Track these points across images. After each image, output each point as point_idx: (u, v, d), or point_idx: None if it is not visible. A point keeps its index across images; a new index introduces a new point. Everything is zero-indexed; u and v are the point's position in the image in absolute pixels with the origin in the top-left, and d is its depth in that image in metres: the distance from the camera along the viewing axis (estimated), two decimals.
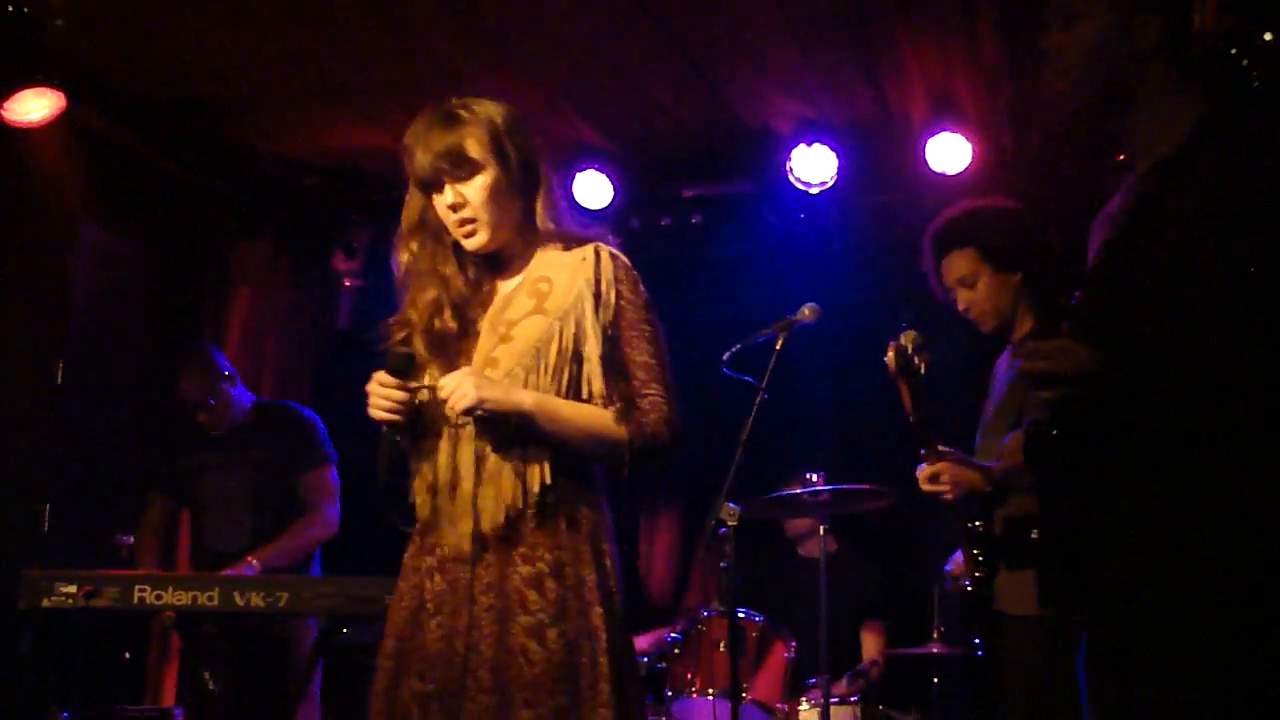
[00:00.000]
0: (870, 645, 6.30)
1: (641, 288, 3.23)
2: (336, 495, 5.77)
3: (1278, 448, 2.46)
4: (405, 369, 3.08)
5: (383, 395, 3.07)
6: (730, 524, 4.50)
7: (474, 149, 3.11)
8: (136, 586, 4.56)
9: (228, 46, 5.92)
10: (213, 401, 5.70)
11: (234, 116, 6.68)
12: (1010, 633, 3.94)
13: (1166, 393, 2.52)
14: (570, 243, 3.24)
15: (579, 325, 3.11)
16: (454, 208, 3.11)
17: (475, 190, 3.10)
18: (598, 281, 3.15)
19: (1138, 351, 2.54)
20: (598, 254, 3.20)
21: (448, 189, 3.11)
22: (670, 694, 5.57)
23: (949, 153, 6.50)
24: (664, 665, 5.69)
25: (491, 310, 3.22)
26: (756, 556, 6.57)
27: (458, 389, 2.96)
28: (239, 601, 4.59)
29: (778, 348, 4.63)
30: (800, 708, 5.58)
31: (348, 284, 7.76)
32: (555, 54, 6.01)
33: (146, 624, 6.29)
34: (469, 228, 3.13)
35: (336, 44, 5.91)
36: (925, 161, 6.53)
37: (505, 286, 3.25)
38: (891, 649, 6.11)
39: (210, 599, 4.58)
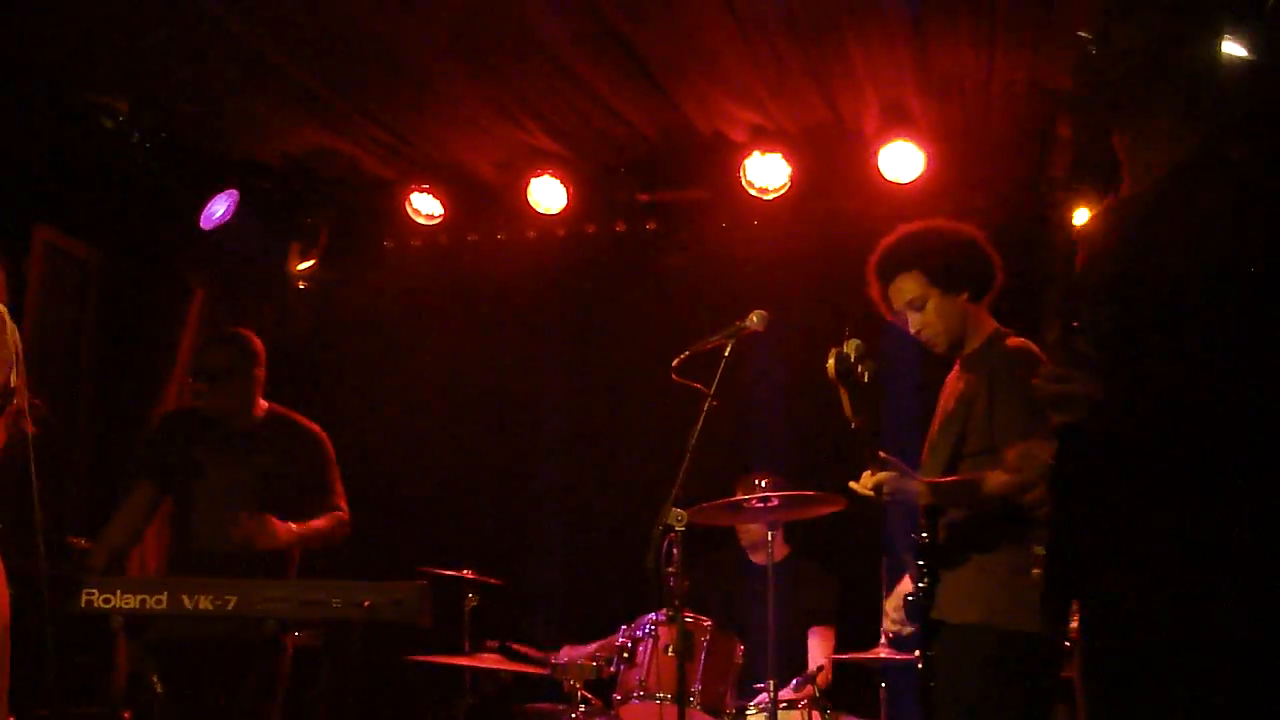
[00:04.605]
0: (818, 650, 6.33)
1: None
2: (345, 503, 5.71)
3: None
4: None
5: None
6: (678, 529, 4.54)
7: None
8: (85, 590, 4.56)
9: (183, 48, 5.91)
10: (223, 383, 5.56)
11: (189, 118, 6.66)
12: (949, 640, 3.99)
13: (1180, 420, 2.58)
14: None
15: None
16: None
17: None
18: None
19: (1146, 380, 2.60)
20: None
21: None
22: (619, 698, 5.59)
23: (901, 161, 6.56)
24: (614, 670, 5.71)
25: None
26: (705, 561, 6.61)
27: None
28: (187, 604, 4.59)
29: (726, 354, 4.67)
30: (748, 712, 5.61)
31: (303, 286, 7.74)
32: (512, 60, 6.02)
33: (95, 626, 6.25)
34: None
35: (292, 47, 5.91)
36: (878, 170, 6.59)
37: None
38: (839, 654, 6.14)
39: (159, 602, 4.58)
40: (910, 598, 4.06)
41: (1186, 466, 2.58)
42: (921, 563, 4.05)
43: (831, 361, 4.02)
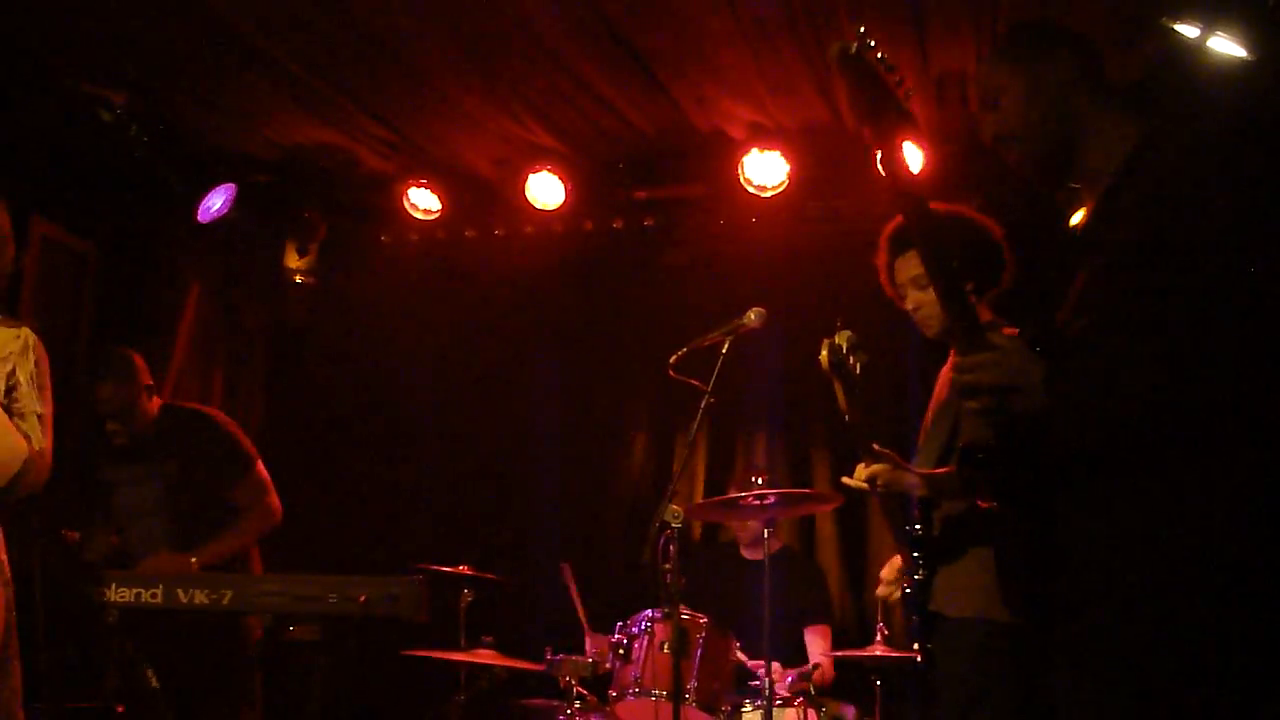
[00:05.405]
0: (815, 647, 6.33)
1: None
2: (271, 487, 5.76)
3: (1219, 459, 2.55)
4: None
5: None
6: (674, 525, 4.54)
7: None
8: (79, 583, 4.55)
9: (180, 42, 5.91)
10: (129, 412, 5.67)
11: (186, 112, 6.66)
12: (946, 634, 3.99)
13: (1103, 411, 2.61)
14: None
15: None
16: None
17: None
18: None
19: (1080, 371, 2.64)
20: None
21: None
22: (614, 694, 5.59)
23: None
24: (610, 666, 5.71)
25: None
26: (699, 557, 6.61)
27: None
28: (183, 599, 4.59)
29: (724, 352, 4.67)
30: (743, 709, 5.61)
31: (300, 281, 7.73)
32: (511, 56, 6.02)
33: (89, 619, 6.24)
34: None
35: (292, 41, 5.90)
36: (876, 168, 6.56)
37: None
38: (835, 650, 6.14)
39: (154, 596, 4.57)
40: (907, 590, 4.06)
41: (1121, 456, 2.62)
42: (917, 555, 4.06)
43: (824, 353, 4.04)
